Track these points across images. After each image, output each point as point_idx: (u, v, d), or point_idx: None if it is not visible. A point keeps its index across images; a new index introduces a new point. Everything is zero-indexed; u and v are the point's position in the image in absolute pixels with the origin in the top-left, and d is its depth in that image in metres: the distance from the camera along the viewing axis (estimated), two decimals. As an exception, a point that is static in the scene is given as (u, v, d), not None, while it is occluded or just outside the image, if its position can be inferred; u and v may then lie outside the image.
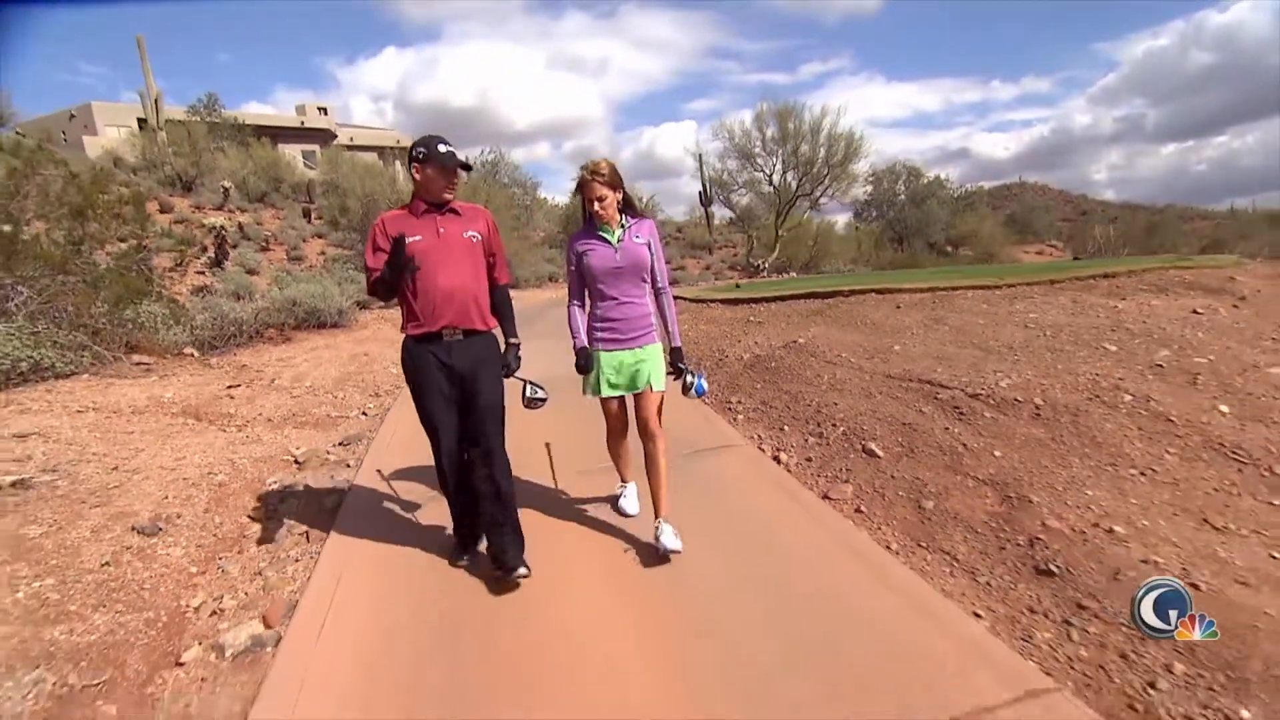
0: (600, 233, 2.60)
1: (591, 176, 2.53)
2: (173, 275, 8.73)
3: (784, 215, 23.11)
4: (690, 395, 2.70)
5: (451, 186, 2.44)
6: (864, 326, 5.60)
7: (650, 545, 2.64)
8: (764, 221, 24.87)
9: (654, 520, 2.68)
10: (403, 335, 2.54)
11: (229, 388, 5.88)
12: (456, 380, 2.48)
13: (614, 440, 2.96)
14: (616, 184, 2.56)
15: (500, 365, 2.57)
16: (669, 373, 2.70)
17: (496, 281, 2.62)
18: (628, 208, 2.64)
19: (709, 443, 3.89)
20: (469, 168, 2.54)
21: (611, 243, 2.59)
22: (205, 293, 10.53)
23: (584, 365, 2.70)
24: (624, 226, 2.61)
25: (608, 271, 2.59)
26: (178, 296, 8.42)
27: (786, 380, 4.63)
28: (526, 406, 2.70)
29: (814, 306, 6.64)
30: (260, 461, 4.03)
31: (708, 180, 26.58)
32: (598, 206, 2.53)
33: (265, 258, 15.05)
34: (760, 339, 5.86)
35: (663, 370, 2.67)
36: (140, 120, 21.64)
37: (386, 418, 5.00)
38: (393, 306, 2.73)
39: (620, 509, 3.09)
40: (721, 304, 7.82)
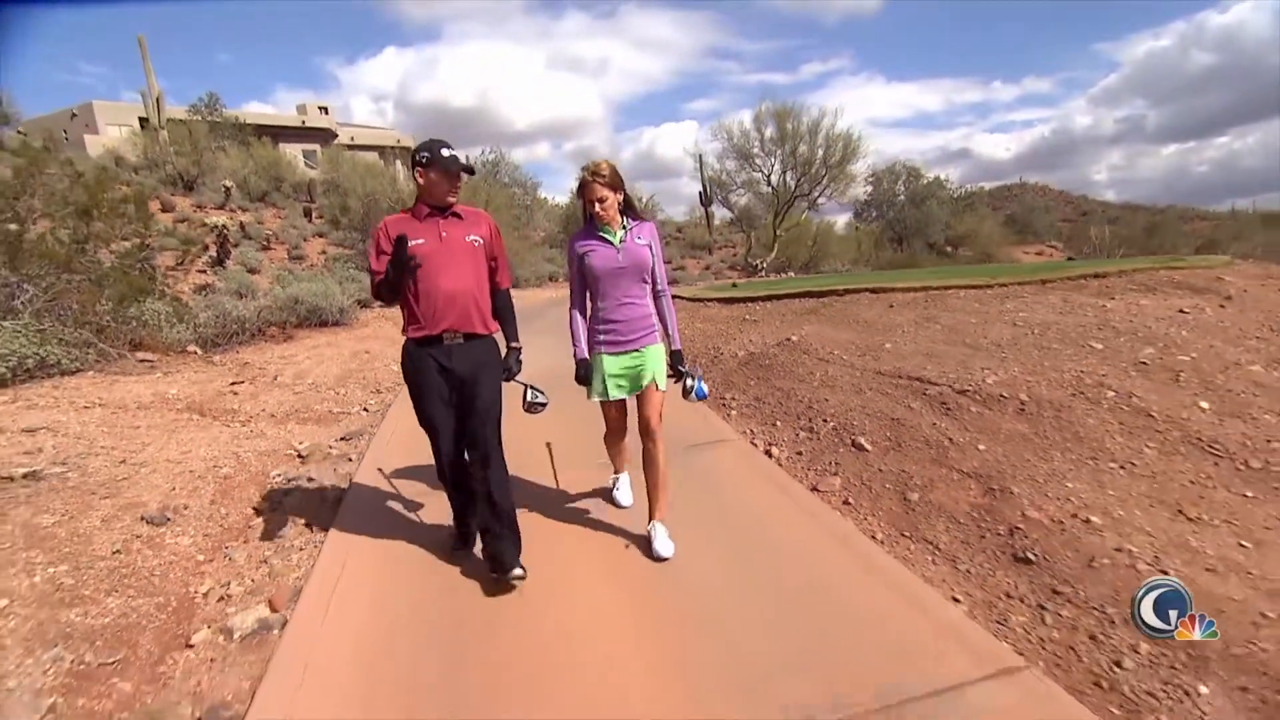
0: (601, 233, 2.60)
1: (592, 178, 2.53)
2: (175, 274, 8.80)
3: (782, 215, 23.19)
4: (691, 398, 2.70)
5: (454, 190, 2.46)
6: (857, 325, 5.70)
7: (646, 539, 2.71)
8: (763, 222, 24.96)
9: (648, 522, 2.73)
10: (404, 338, 2.56)
11: (232, 384, 5.97)
12: (456, 384, 2.50)
13: (612, 440, 3.00)
14: (617, 185, 2.57)
15: (500, 369, 2.59)
16: (669, 375, 2.70)
17: (498, 286, 2.64)
18: (628, 209, 2.65)
19: (703, 437, 3.98)
20: (472, 171, 2.58)
21: (613, 243, 2.59)
22: (208, 291, 10.62)
23: (584, 377, 2.71)
24: (625, 228, 2.61)
25: (609, 272, 2.59)
26: (181, 295, 8.50)
27: (780, 377, 4.72)
28: (527, 411, 2.71)
29: (808, 305, 6.74)
30: (264, 455, 4.12)
31: (707, 180, 26.67)
32: (598, 208, 2.54)
33: (266, 257, 15.13)
34: (755, 337, 5.95)
35: (664, 371, 2.68)
36: (142, 119, 21.71)
37: (388, 414, 5.10)
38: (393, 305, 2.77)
39: (614, 499, 3.15)
40: (718, 303, 7.91)
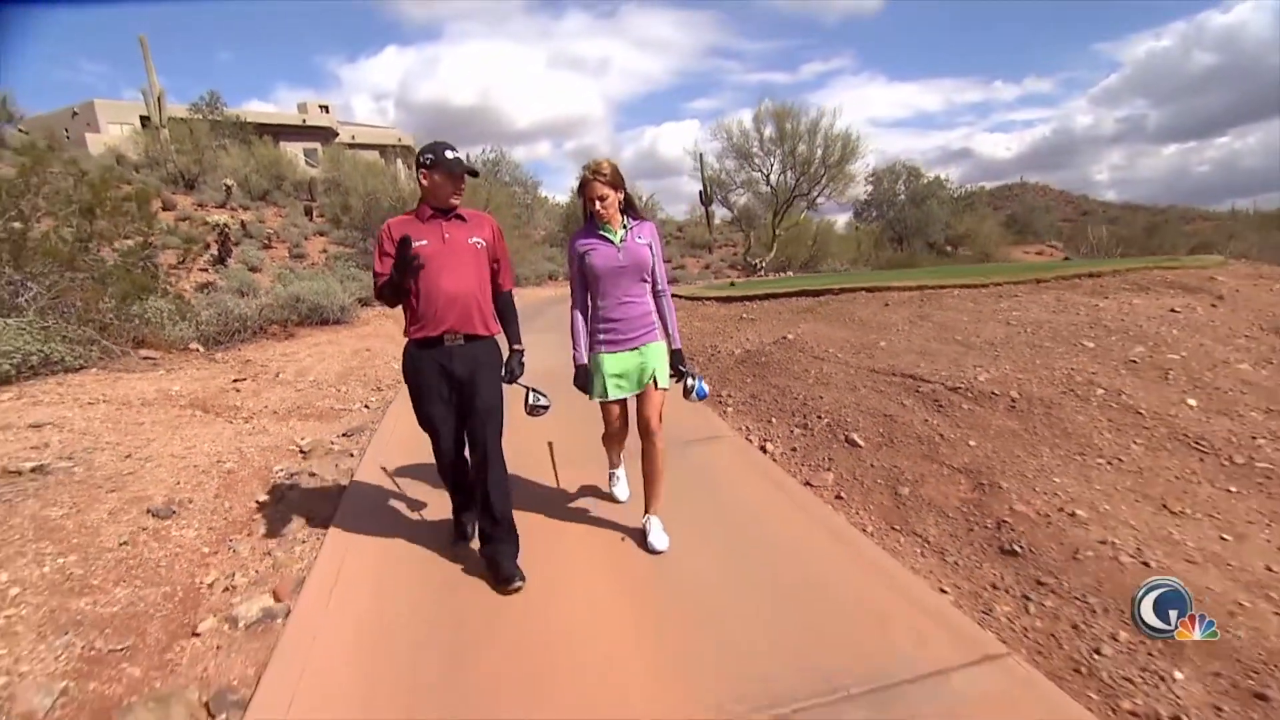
0: (602, 232, 2.60)
1: (593, 176, 2.54)
2: (177, 272, 8.86)
3: (781, 215, 23.27)
4: (692, 398, 2.71)
5: (458, 192, 2.47)
6: (852, 323, 5.76)
7: (641, 533, 2.75)
8: (762, 221, 25.05)
9: (643, 516, 2.78)
10: (405, 340, 2.56)
11: (234, 381, 6.03)
12: (456, 385, 2.50)
13: (610, 440, 2.99)
14: (618, 184, 2.57)
15: (501, 370, 2.59)
16: (670, 374, 2.70)
17: (500, 288, 2.65)
18: (629, 208, 2.64)
19: (699, 434, 4.04)
20: (476, 173, 2.59)
21: (614, 242, 2.59)
22: (209, 289, 10.69)
23: (582, 383, 2.71)
24: (626, 227, 2.61)
25: (610, 271, 2.59)
26: (183, 293, 8.56)
27: (775, 375, 4.78)
28: (529, 414, 2.70)
29: (805, 304, 6.80)
30: (267, 451, 4.18)
31: (707, 180, 26.75)
32: (599, 206, 2.54)
33: (268, 255, 15.20)
34: (752, 335, 6.01)
35: (667, 369, 2.68)
36: (143, 118, 21.79)
37: (388, 411, 5.16)
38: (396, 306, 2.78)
39: (611, 494, 3.19)
40: (716, 301, 7.97)
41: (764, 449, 3.81)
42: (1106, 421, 3.48)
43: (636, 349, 2.64)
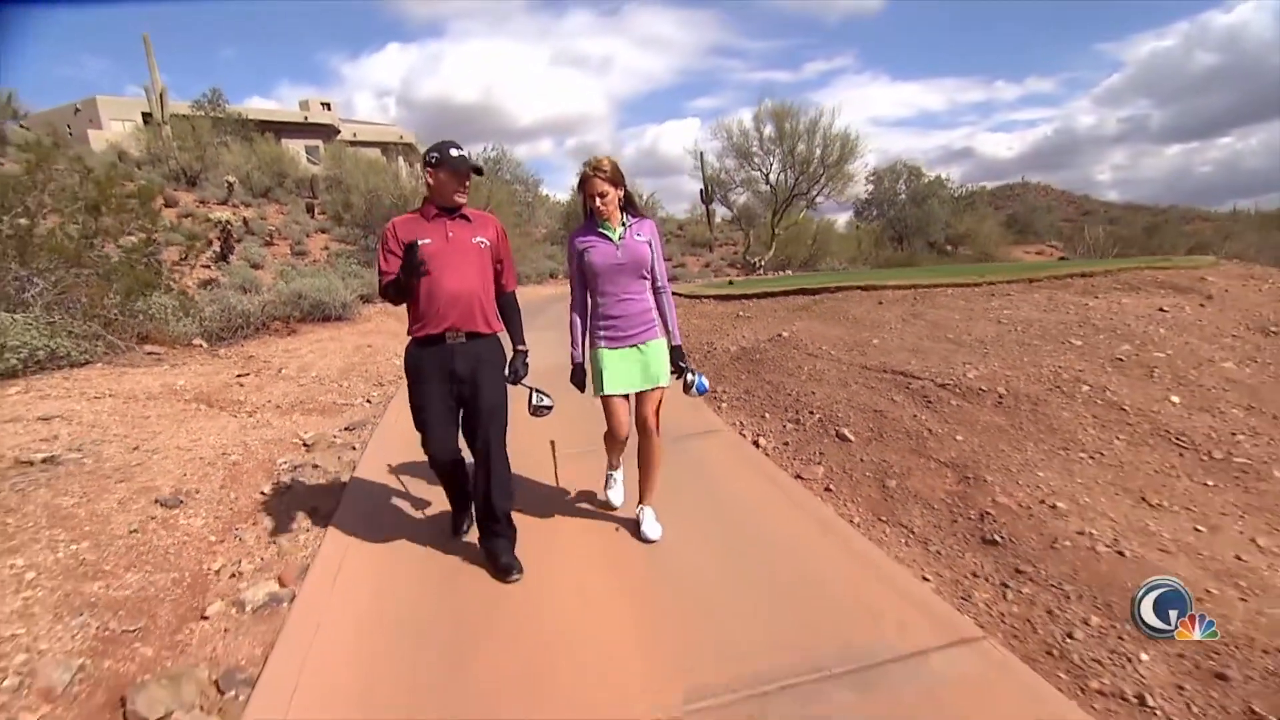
0: (601, 229, 2.60)
1: (593, 173, 2.54)
2: (180, 269, 8.93)
3: (780, 214, 23.34)
4: (692, 393, 2.73)
5: (463, 190, 2.49)
6: (846, 321, 5.84)
7: (635, 523, 2.84)
8: (762, 220, 25.13)
9: (636, 506, 2.85)
10: (408, 338, 2.57)
11: (238, 376, 6.11)
12: (458, 383, 2.52)
13: (611, 439, 2.87)
14: (618, 181, 2.58)
15: (503, 368, 2.61)
16: (670, 371, 2.71)
17: (504, 288, 2.67)
18: (629, 205, 2.65)
19: (694, 428, 4.13)
20: (481, 172, 2.62)
21: (613, 239, 2.59)
22: (212, 286, 10.77)
23: (578, 380, 2.74)
24: (625, 224, 2.62)
25: (609, 268, 2.59)
26: (186, 289, 8.64)
27: (769, 371, 4.86)
28: (532, 414, 2.72)
29: (801, 302, 6.88)
30: (271, 444, 4.27)
31: (707, 179, 26.82)
32: (599, 203, 2.55)
33: (269, 252, 15.28)
34: (747, 332, 6.10)
35: (667, 366, 2.69)
36: (145, 114, 21.88)
37: (390, 405, 5.25)
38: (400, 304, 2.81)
39: (607, 500, 3.10)
40: (714, 299, 8.06)
41: (757, 443, 3.90)
42: (1091, 417, 3.57)
43: (637, 346, 2.66)
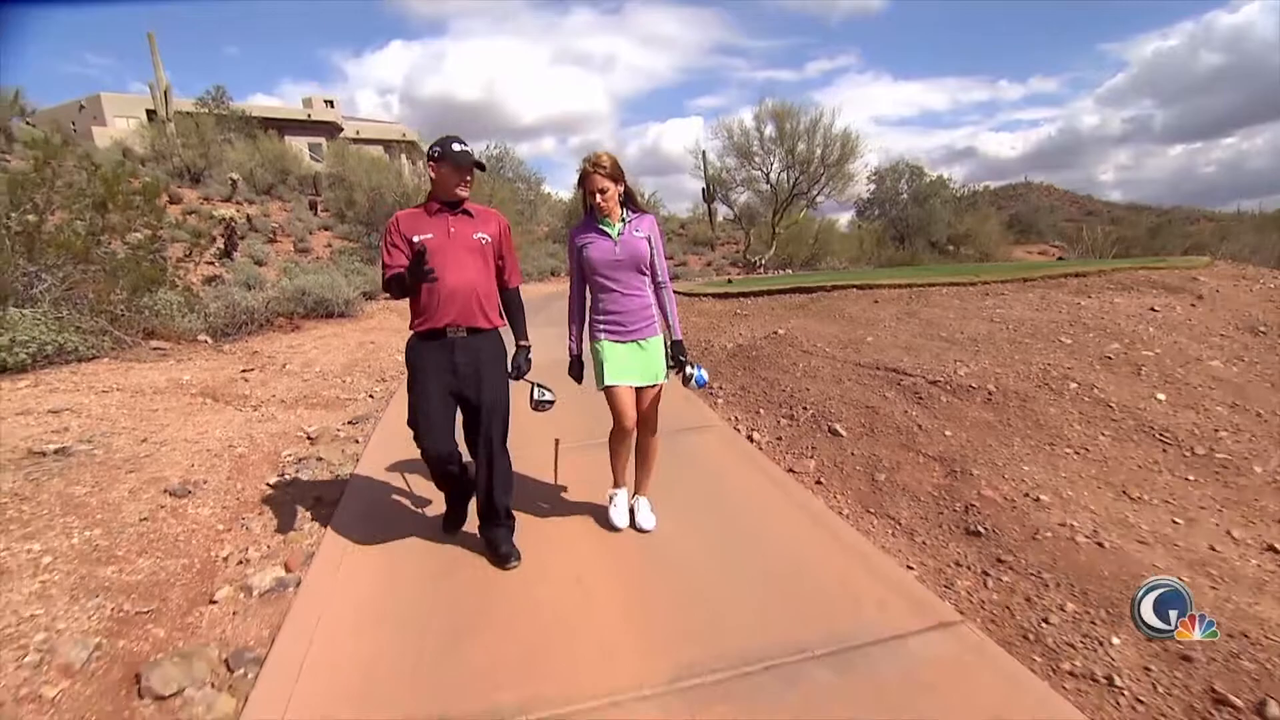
0: (600, 226, 2.62)
1: (593, 169, 2.55)
2: (185, 265, 9.02)
3: (781, 213, 23.39)
4: (691, 386, 2.76)
5: (465, 184, 2.50)
6: (841, 319, 5.92)
7: (630, 513, 2.92)
8: (763, 219, 25.18)
9: (631, 497, 2.93)
10: (410, 332, 2.60)
11: (243, 371, 6.21)
12: (459, 378, 2.53)
13: (618, 437, 2.82)
14: (618, 177, 2.58)
15: (505, 363, 2.63)
16: (670, 365, 2.73)
17: (507, 284, 2.68)
18: (629, 201, 2.65)
19: (690, 423, 4.21)
20: (483, 166, 2.65)
21: (611, 236, 2.61)
22: (216, 282, 10.87)
23: (575, 372, 2.77)
24: (624, 220, 2.63)
25: (608, 264, 2.61)
26: (191, 286, 8.74)
27: (765, 368, 4.95)
28: (534, 409, 2.74)
29: (798, 301, 6.96)
30: (276, 437, 4.37)
31: (709, 178, 26.88)
32: (599, 199, 2.55)
33: (273, 249, 15.38)
34: (744, 330, 6.18)
35: (664, 363, 2.72)
36: (149, 112, 22.01)
37: (392, 400, 5.34)
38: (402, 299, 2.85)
39: (609, 521, 2.93)
40: (712, 298, 8.14)
41: (751, 438, 3.98)
42: (1078, 414, 3.65)
43: (637, 342, 2.68)
